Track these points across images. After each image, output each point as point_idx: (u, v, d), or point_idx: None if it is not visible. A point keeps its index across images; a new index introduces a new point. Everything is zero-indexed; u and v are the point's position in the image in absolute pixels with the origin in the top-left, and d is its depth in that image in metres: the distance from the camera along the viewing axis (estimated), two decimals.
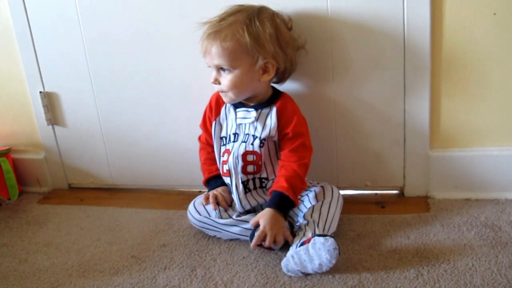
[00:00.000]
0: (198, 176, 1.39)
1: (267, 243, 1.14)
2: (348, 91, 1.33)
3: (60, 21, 1.46)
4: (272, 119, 1.23)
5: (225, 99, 1.25)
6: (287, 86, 1.33)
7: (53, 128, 1.60)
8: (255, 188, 1.26)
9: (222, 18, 1.17)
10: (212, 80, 1.21)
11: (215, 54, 1.16)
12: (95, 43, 1.46)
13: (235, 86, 1.19)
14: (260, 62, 1.17)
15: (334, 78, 1.33)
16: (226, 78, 1.18)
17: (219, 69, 1.19)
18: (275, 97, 1.25)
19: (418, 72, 1.27)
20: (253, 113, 1.24)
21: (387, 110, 1.33)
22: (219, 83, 1.20)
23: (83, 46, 1.47)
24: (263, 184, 1.26)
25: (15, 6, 1.48)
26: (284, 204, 1.17)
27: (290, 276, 1.10)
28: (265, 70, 1.19)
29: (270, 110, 1.23)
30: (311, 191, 1.25)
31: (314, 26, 1.29)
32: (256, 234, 1.14)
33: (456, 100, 1.30)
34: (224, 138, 1.29)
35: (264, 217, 1.16)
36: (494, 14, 1.21)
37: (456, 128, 1.33)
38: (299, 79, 1.34)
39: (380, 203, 1.38)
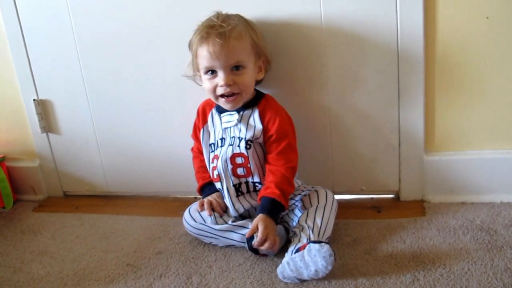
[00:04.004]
0: (193, 183, 1.39)
1: (258, 239, 1.13)
2: (342, 97, 1.33)
3: (53, 28, 1.46)
4: (255, 121, 1.23)
5: (232, 104, 1.22)
6: (281, 94, 1.33)
7: (48, 136, 1.60)
8: (248, 191, 1.26)
9: (223, 20, 1.18)
10: (225, 82, 1.17)
11: (231, 52, 1.16)
12: (88, 50, 1.46)
13: (249, 84, 1.21)
14: (259, 60, 1.22)
15: (328, 84, 1.33)
16: (241, 77, 1.19)
17: (231, 69, 1.18)
18: (257, 98, 1.26)
19: (412, 76, 1.27)
20: (235, 116, 1.25)
21: (382, 115, 1.33)
22: (233, 83, 1.19)
23: (76, 53, 1.46)
24: (257, 188, 1.26)
25: (7, 13, 1.48)
26: (276, 210, 1.18)
27: (286, 283, 1.10)
28: (260, 68, 1.24)
29: (253, 111, 1.24)
30: (305, 195, 1.25)
31: (307, 33, 1.29)
32: (258, 235, 1.13)
33: (450, 103, 1.30)
34: (212, 145, 1.29)
35: (260, 220, 1.16)
36: (487, 17, 1.21)
37: (450, 131, 1.33)
38: (293, 86, 1.34)
39: (375, 207, 1.38)
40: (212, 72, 1.20)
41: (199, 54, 1.20)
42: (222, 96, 1.21)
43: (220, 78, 1.19)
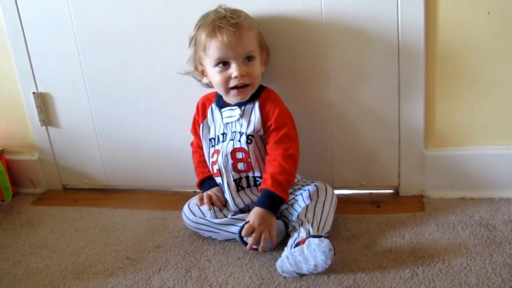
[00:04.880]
0: (193, 177, 1.39)
1: (251, 240, 1.13)
2: (343, 92, 1.33)
3: (52, 22, 1.45)
4: (256, 114, 1.23)
5: (242, 95, 1.22)
6: (282, 88, 1.32)
7: (47, 129, 1.59)
8: (248, 186, 1.26)
9: (232, 12, 1.19)
10: (239, 73, 1.17)
11: (245, 42, 1.17)
12: (88, 43, 1.45)
13: (258, 75, 1.22)
14: (262, 53, 1.24)
15: (329, 79, 1.32)
16: (252, 68, 1.20)
17: (243, 60, 1.18)
18: (258, 91, 1.26)
19: (412, 71, 1.27)
20: (237, 111, 1.24)
21: (382, 110, 1.32)
22: (246, 74, 1.19)
23: (76, 46, 1.46)
24: (257, 183, 1.26)
25: (7, 6, 1.47)
26: (272, 202, 1.17)
27: (285, 277, 1.10)
28: (262, 62, 1.25)
29: (253, 105, 1.24)
30: (305, 190, 1.24)
31: (308, 28, 1.28)
32: (245, 227, 1.14)
33: (450, 99, 1.30)
34: (212, 140, 1.29)
35: (253, 213, 1.17)
36: (488, 13, 1.21)
37: (450, 127, 1.33)
38: (294, 80, 1.34)
39: (375, 202, 1.38)
40: (224, 63, 1.19)
41: (210, 46, 1.18)
42: (233, 88, 1.21)
43: (234, 69, 1.18)
